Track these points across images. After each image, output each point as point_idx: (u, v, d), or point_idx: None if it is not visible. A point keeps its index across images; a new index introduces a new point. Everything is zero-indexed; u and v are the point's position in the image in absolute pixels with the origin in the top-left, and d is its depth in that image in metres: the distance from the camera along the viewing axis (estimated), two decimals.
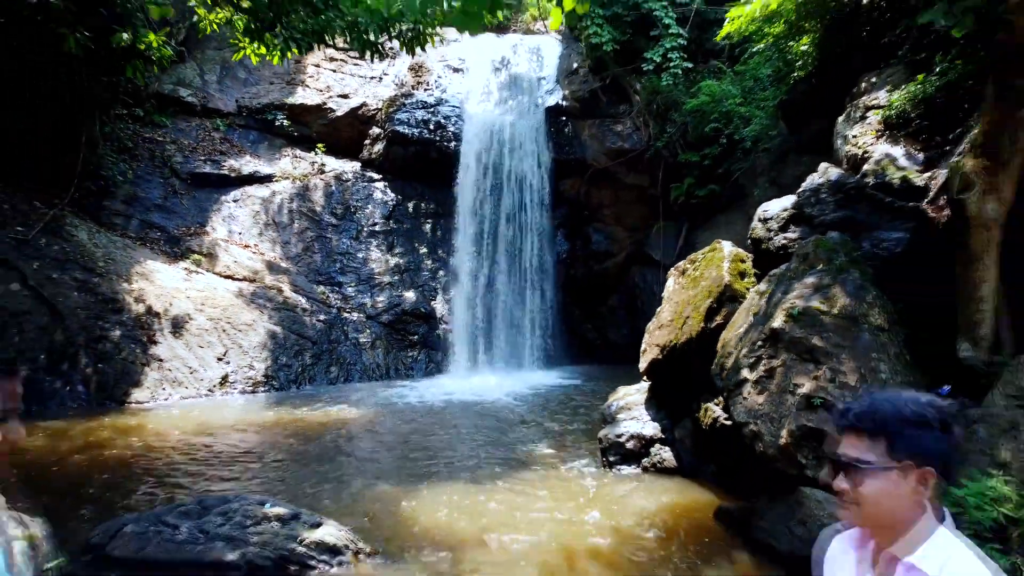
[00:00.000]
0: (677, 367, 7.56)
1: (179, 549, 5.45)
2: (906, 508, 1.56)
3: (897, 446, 1.56)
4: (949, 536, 1.55)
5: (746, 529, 5.81)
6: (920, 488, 1.56)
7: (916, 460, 1.54)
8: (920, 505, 1.56)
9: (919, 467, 1.54)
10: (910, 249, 6.32)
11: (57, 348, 12.04)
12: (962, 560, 1.51)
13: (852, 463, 1.60)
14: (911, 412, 1.55)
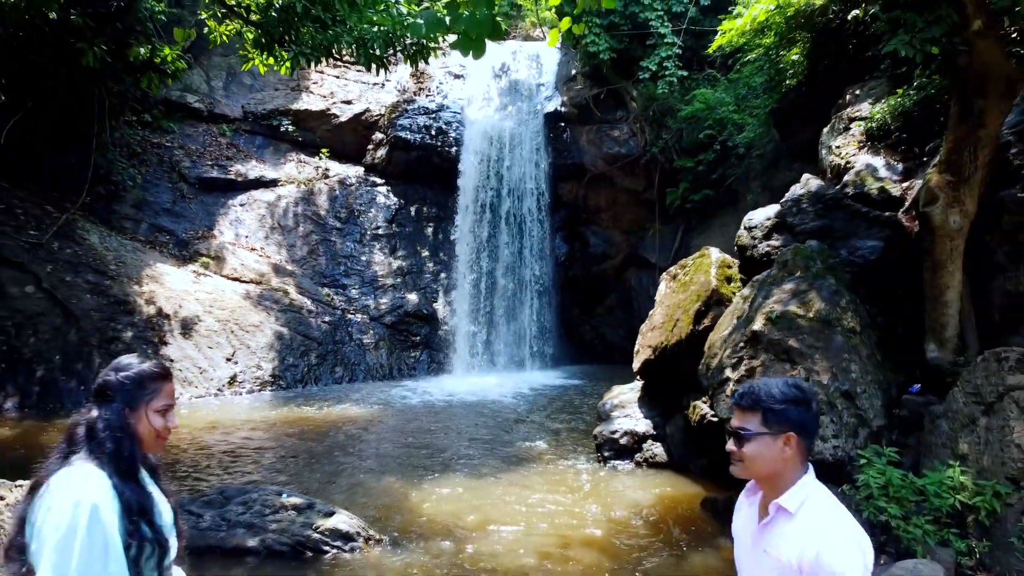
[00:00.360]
0: (668, 367, 8.01)
1: (203, 535, 5.91)
2: (776, 463, 2.03)
3: (769, 418, 2.02)
4: (809, 483, 2.03)
5: (730, 517, 6.25)
6: (786, 449, 2.02)
7: (783, 428, 2.01)
8: (787, 461, 2.03)
9: (785, 433, 2.01)
10: (884, 256, 6.78)
11: (71, 349, 12.50)
12: (815, 498, 1.99)
13: (737, 431, 2.07)
14: (779, 393, 2.03)
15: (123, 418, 2.01)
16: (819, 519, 1.94)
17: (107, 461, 1.94)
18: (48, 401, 11.87)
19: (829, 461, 5.61)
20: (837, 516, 1.95)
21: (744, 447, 2.05)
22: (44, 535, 1.80)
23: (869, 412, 5.72)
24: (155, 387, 2.10)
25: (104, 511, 1.84)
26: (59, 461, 1.95)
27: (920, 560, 4.81)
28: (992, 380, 5.20)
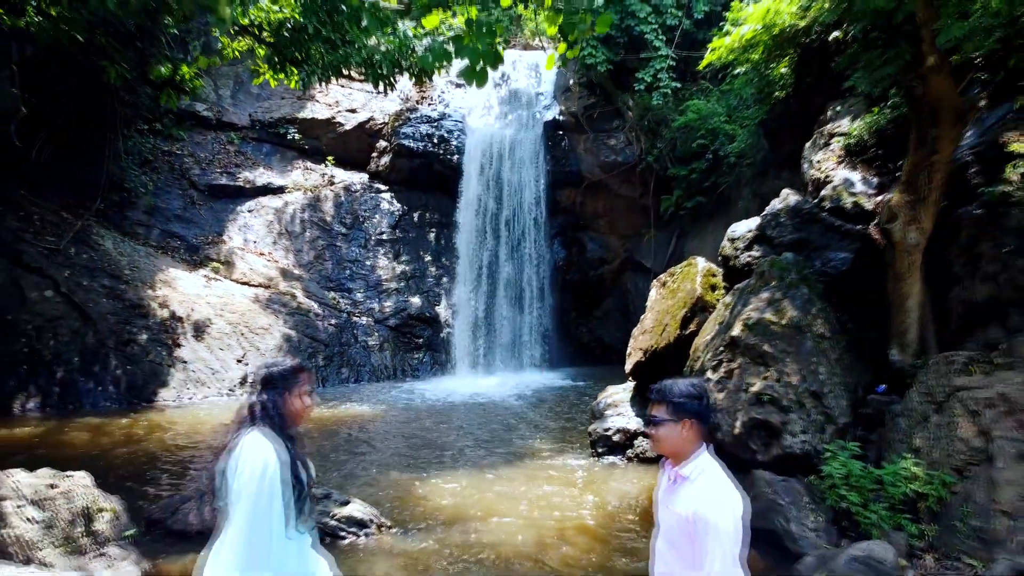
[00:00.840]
0: (658, 368, 8.63)
1: None
2: (678, 442, 2.68)
3: (673, 409, 2.67)
4: (706, 457, 2.68)
5: None
6: (687, 432, 2.67)
7: (682, 416, 2.66)
8: (689, 441, 2.68)
9: (684, 420, 2.65)
10: (854, 267, 7.42)
11: (89, 351, 13.13)
12: (708, 470, 2.63)
13: (651, 418, 2.73)
14: (681, 389, 2.69)
15: (282, 399, 2.72)
16: (706, 484, 2.59)
17: (274, 429, 2.68)
18: (68, 401, 12.51)
19: (798, 454, 6.25)
20: (720, 483, 2.60)
21: (656, 430, 2.72)
22: (241, 478, 2.55)
23: (835, 410, 6.35)
24: (300, 377, 2.83)
25: (275, 463, 2.60)
26: (243, 430, 2.70)
27: (875, 542, 5.44)
28: (942, 381, 5.83)
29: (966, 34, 5.29)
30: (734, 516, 2.51)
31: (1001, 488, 5.28)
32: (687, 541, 2.56)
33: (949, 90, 6.06)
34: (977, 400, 5.58)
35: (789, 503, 6.02)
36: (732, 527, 2.48)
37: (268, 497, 2.52)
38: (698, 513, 2.52)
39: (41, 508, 5.39)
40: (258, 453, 2.58)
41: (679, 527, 2.61)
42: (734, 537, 2.48)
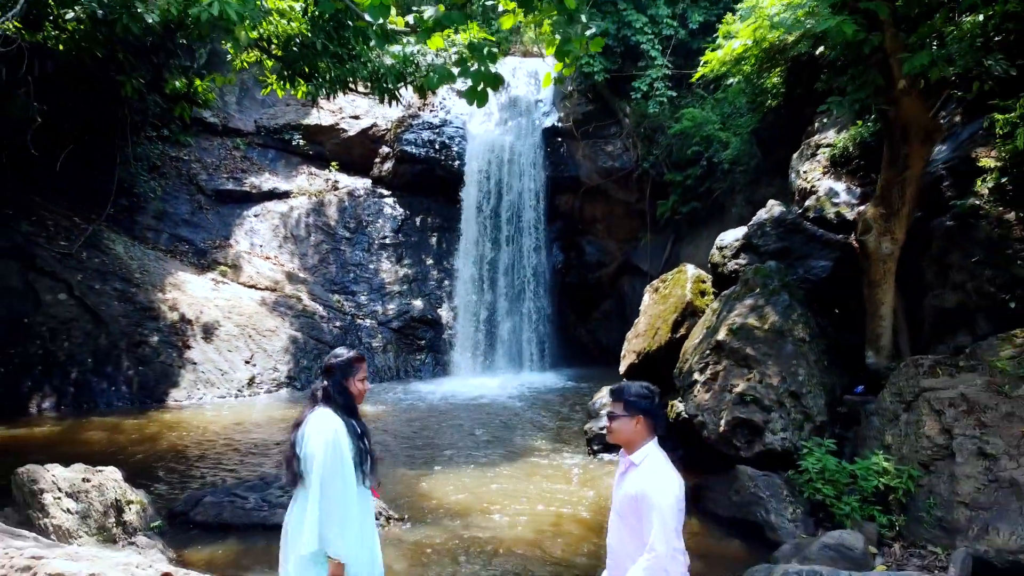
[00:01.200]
0: (650, 370, 9.10)
1: (248, 515, 7.03)
2: (631, 434, 3.15)
3: (628, 406, 3.15)
4: (653, 447, 3.16)
5: (698, 501, 7.37)
6: (638, 426, 3.14)
7: (635, 412, 3.14)
8: (639, 433, 3.14)
9: (636, 416, 3.13)
10: (834, 274, 7.90)
11: (102, 352, 13.61)
12: (654, 457, 3.10)
13: (610, 413, 3.21)
14: (635, 390, 3.17)
15: (343, 383, 3.28)
16: (651, 469, 3.07)
17: (338, 407, 3.25)
18: (82, 401, 12.99)
19: (778, 451, 6.74)
20: (662, 468, 3.09)
21: (612, 423, 3.22)
22: (312, 448, 3.12)
23: (813, 410, 6.84)
24: (358, 366, 3.41)
25: (341, 434, 3.18)
26: (309, 408, 3.30)
27: (846, 531, 5.93)
28: (910, 383, 6.32)
29: (929, 63, 5.77)
30: (674, 495, 3.00)
31: (961, 482, 5.77)
32: (635, 516, 3.04)
33: (918, 111, 6.55)
34: (941, 400, 6.07)
35: (769, 496, 6.51)
36: (671, 504, 2.97)
37: (335, 458, 3.09)
38: (643, 492, 2.99)
39: (76, 500, 5.88)
40: (325, 425, 3.16)
41: (628, 504, 3.09)
42: (673, 512, 2.97)
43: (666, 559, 2.90)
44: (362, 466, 3.26)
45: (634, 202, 17.03)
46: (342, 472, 3.08)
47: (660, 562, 2.89)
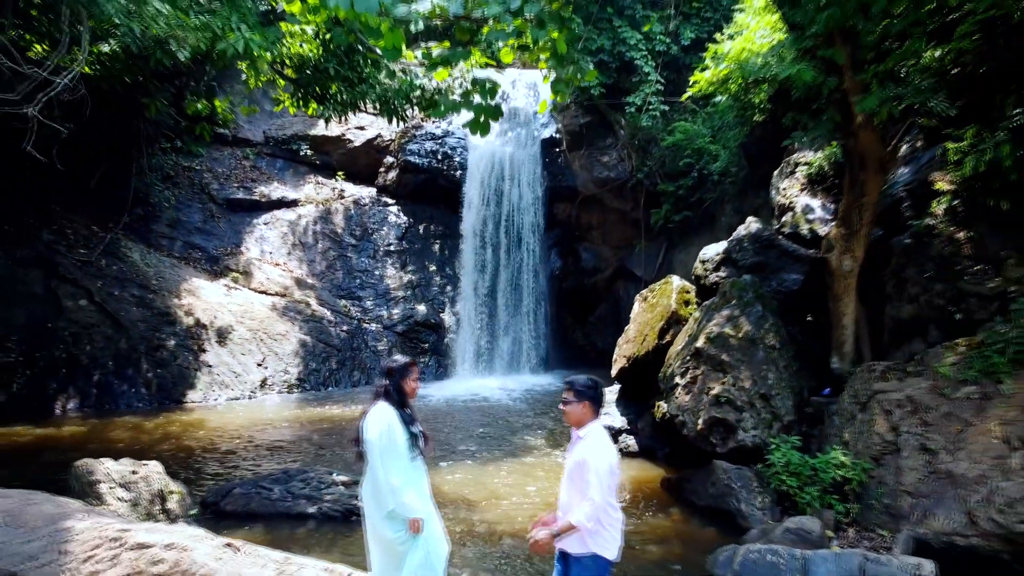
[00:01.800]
0: (639, 374, 9.97)
1: (273, 505, 7.87)
2: (579, 416, 3.99)
3: (577, 394, 4.00)
4: (596, 425, 4.00)
5: (679, 492, 8.23)
6: (584, 410, 3.99)
7: (583, 399, 3.99)
8: (585, 415, 3.98)
9: (583, 401, 3.98)
10: (804, 287, 8.75)
11: (122, 355, 14.45)
12: (595, 433, 3.94)
13: (564, 399, 4.06)
14: (583, 381, 4.02)
15: (399, 384, 4.12)
16: (592, 441, 3.92)
17: (394, 403, 4.09)
18: (105, 402, 13.84)
19: (749, 447, 7.58)
20: (601, 441, 3.94)
21: (566, 407, 4.08)
22: (369, 435, 3.98)
23: (781, 410, 7.69)
24: (411, 369, 4.29)
25: (395, 422, 4.04)
26: (372, 403, 4.15)
27: (806, 517, 6.78)
28: (865, 386, 7.17)
29: (879, 103, 6.60)
30: (608, 462, 3.89)
31: (905, 473, 6.62)
32: (579, 477, 3.88)
33: (874, 144, 7.39)
34: (890, 401, 6.92)
35: (741, 487, 7.36)
36: (606, 468, 3.85)
37: (389, 441, 3.97)
38: (585, 458, 3.86)
39: (127, 489, 6.72)
40: (382, 417, 4.07)
41: (575, 468, 3.95)
42: (607, 474, 3.86)
43: (600, 507, 3.81)
44: (413, 445, 4.12)
45: (629, 211, 17.88)
46: (395, 451, 3.93)
47: (596, 508, 3.79)
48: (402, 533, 4.05)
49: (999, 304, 7.24)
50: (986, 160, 7.51)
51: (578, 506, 3.82)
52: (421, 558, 4.02)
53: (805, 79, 6.65)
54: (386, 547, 4.09)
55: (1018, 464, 6.18)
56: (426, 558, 4.04)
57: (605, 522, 3.88)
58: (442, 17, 8.13)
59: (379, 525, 4.05)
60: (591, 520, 3.77)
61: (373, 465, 4.01)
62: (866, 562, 5.71)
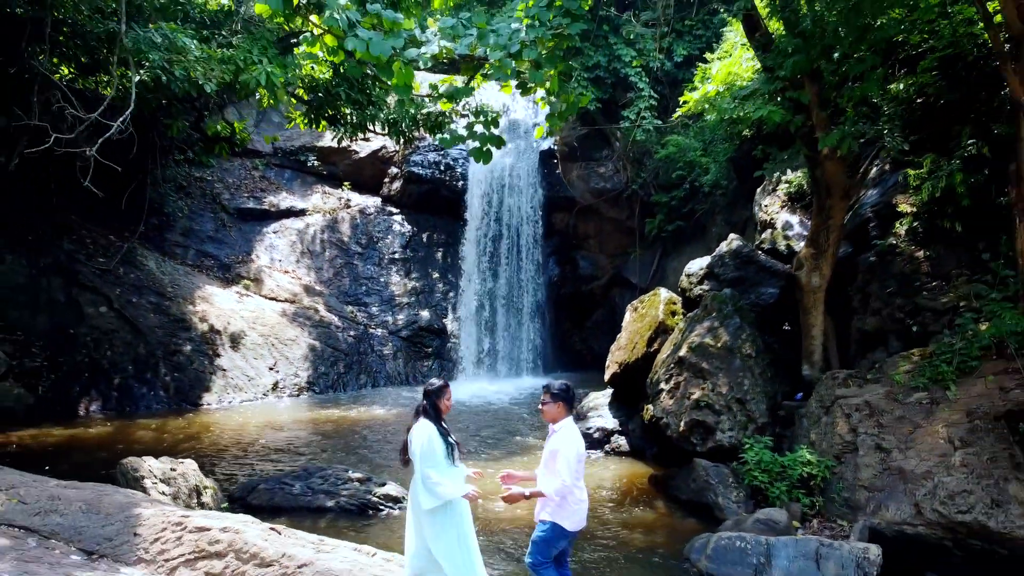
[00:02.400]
0: (630, 380, 10.84)
1: (295, 499, 8.75)
2: (555, 414, 4.85)
3: (553, 396, 4.88)
4: (568, 421, 4.87)
5: (665, 488, 9.11)
6: (559, 408, 4.85)
7: (558, 400, 4.86)
8: (559, 413, 4.84)
9: (558, 402, 4.86)
10: (780, 300, 9.62)
11: (141, 360, 15.32)
12: (567, 427, 4.82)
13: (542, 400, 4.96)
14: (558, 386, 4.92)
15: (436, 403, 4.88)
16: (564, 434, 4.79)
17: (433, 419, 4.83)
18: (125, 404, 14.70)
19: (726, 446, 8.46)
20: (571, 434, 4.80)
21: (544, 407, 4.95)
22: (414, 447, 4.73)
23: (756, 413, 8.57)
24: (446, 391, 5.02)
25: (435, 435, 4.77)
26: (415, 419, 4.88)
27: (775, 509, 7.65)
28: (829, 392, 8.05)
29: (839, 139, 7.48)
30: (576, 450, 4.77)
31: (862, 470, 7.50)
32: (552, 462, 4.74)
33: (838, 174, 8.26)
34: (850, 406, 7.80)
35: (718, 483, 8.24)
36: (574, 455, 4.73)
37: (430, 450, 4.70)
38: (557, 447, 4.74)
39: (168, 484, 7.60)
40: (423, 431, 4.80)
41: (549, 455, 4.81)
42: (575, 460, 4.74)
43: (568, 487, 4.71)
44: (451, 453, 4.90)
45: (624, 220, 18.75)
46: (435, 459, 4.71)
47: (565, 486, 4.69)
48: (437, 527, 4.77)
49: (950, 318, 8.12)
50: (941, 186, 8.40)
51: (550, 482, 4.69)
52: (453, 539, 4.79)
53: (775, 119, 7.52)
54: (423, 536, 4.83)
55: (959, 461, 7.06)
56: (458, 539, 4.81)
57: (571, 500, 4.76)
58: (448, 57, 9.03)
59: (421, 517, 4.80)
60: (559, 495, 4.67)
61: (418, 469, 4.78)
62: (821, 547, 6.59)
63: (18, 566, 4.72)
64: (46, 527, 5.15)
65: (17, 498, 5.33)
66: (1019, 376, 7.22)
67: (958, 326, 7.72)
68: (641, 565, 7.35)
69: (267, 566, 4.83)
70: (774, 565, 6.60)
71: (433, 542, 4.71)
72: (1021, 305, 7.43)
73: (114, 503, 5.46)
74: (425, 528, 4.74)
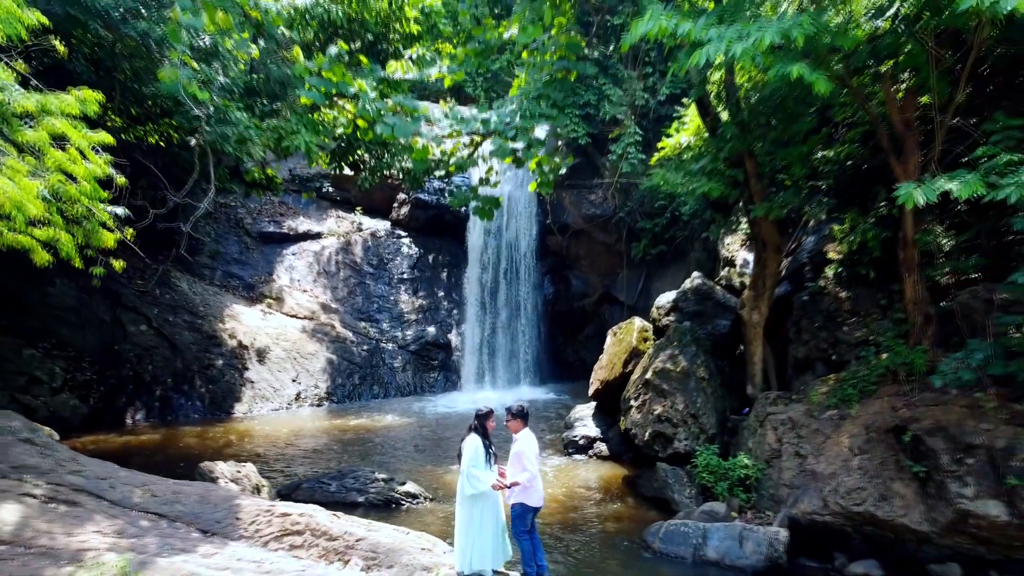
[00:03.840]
0: (609, 396, 13.04)
1: (332, 495, 10.94)
2: (516, 427, 7.00)
3: (512, 415, 7.07)
4: (525, 431, 7.03)
5: (634, 486, 11.32)
6: (517, 422, 7.02)
7: (516, 417, 7.04)
8: (518, 426, 6.99)
9: (516, 419, 7.03)
10: (731, 330, 11.82)
11: (179, 374, 17.55)
12: (524, 435, 7.02)
13: (507, 419, 7.15)
14: (515, 408, 7.12)
15: (483, 424, 7.00)
16: (522, 441, 6.96)
17: (480, 434, 6.97)
18: (167, 414, 16.93)
19: (682, 453, 10.67)
20: (528, 441, 6.99)
21: (508, 423, 7.12)
22: (466, 452, 6.92)
23: (707, 426, 10.78)
24: (491, 416, 7.12)
25: (479, 446, 6.92)
26: (467, 433, 7.05)
27: (717, 503, 9.85)
28: (762, 409, 10.26)
29: (766, 211, 9.68)
30: (534, 451, 6.91)
31: (784, 471, 9.70)
32: (517, 460, 6.86)
33: (772, 233, 10.47)
34: (777, 420, 10.00)
35: (674, 482, 10.44)
36: (533, 454, 6.89)
37: (476, 456, 6.74)
38: (521, 449, 6.88)
39: (237, 483, 9.79)
40: (472, 442, 6.84)
41: (515, 456, 6.93)
42: (535, 457, 6.87)
43: (534, 474, 6.84)
44: (488, 459, 6.89)
45: (613, 243, 20.96)
46: (479, 463, 6.81)
47: (531, 476, 6.82)
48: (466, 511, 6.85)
49: (860, 350, 10.31)
50: (858, 240, 10.60)
51: (520, 474, 6.84)
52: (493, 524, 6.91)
53: (714, 195, 9.69)
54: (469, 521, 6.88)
55: (856, 465, 9.25)
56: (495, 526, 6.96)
57: (535, 485, 6.92)
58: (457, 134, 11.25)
59: (463, 502, 6.90)
60: (529, 482, 6.82)
61: (465, 468, 6.81)
62: (744, 530, 8.80)
63: (160, 539, 6.93)
64: (172, 513, 7.34)
65: (150, 492, 7.52)
66: (906, 397, 9.42)
67: (862, 357, 9.92)
68: (610, 546, 9.56)
69: (334, 539, 7.02)
70: (708, 544, 8.81)
71: (458, 518, 6.92)
72: (910, 341, 9.62)
73: (219, 495, 7.66)
74: (460, 509, 6.93)
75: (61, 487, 7.35)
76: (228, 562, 6.53)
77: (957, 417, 8.72)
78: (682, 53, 8.43)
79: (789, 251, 12.15)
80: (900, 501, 8.93)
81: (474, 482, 6.79)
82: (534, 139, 10.75)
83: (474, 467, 6.82)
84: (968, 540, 8.55)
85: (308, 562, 6.81)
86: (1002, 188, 7.21)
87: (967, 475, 8.35)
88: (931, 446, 8.59)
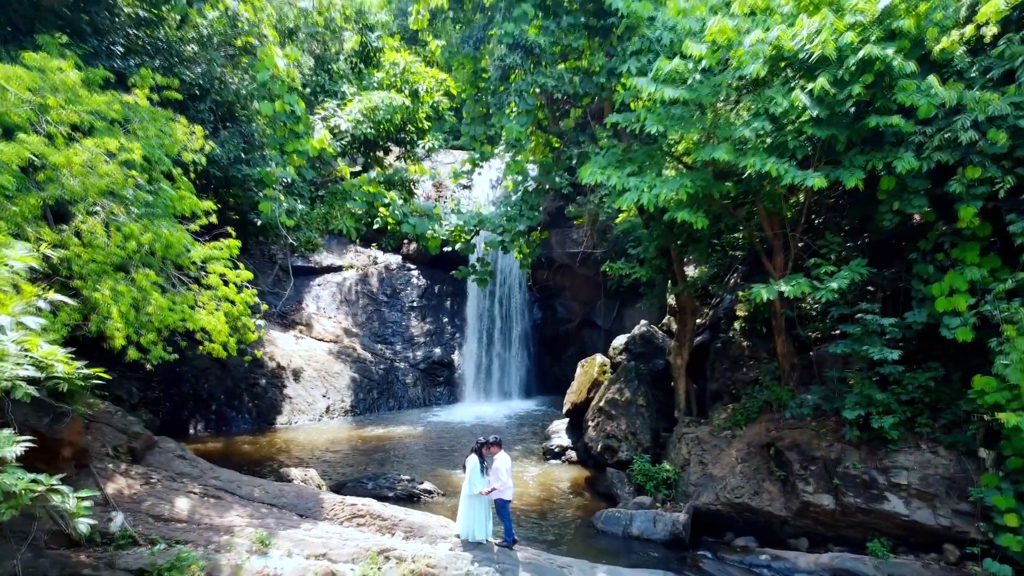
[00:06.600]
0: (577, 414, 17.67)
1: (370, 491, 15.57)
2: (493, 451, 11.46)
3: (489, 444, 11.50)
4: (501, 453, 11.52)
5: (592, 485, 15.97)
6: (493, 449, 11.49)
7: (491, 446, 11.47)
8: (496, 450, 11.44)
9: (492, 445, 11.51)
10: (665, 369, 16.43)
11: (229, 391, 22.16)
12: (501, 456, 11.54)
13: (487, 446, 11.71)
14: (491, 439, 11.61)
15: (480, 449, 11.47)
16: (500, 458, 11.45)
17: (479, 456, 11.42)
18: (221, 425, 21.54)
19: (624, 460, 15.31)
20: (504, 458, 11.52)
21: (490, 449, 11.66)
22: (469, 466, 11.43)
23: (643, 440, 15.40)
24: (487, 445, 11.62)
25: (477, 464, 11.33)
26: (470, 456, 11.50)
27: (646, 497, 14.49)
28: (680, 429, 14.90)
29: (681, 289, 14.25)
30: (507, 466, 11.38)
31: (692, 475, 14.33)
32: (495, 474, 11.35)
33: (689, 300, 15.04)
34: (689, 438, 14.61)
35: (618, 482, 15.07)
36: (505, 469, 11.33)
37: (474, 470, 11.16)
38: (498, 465, 11.37)
39: (305, 483, 14.39)
40: (472, 462, 11.24)
41: (493, 470, 11.42)
42: (506, 471, 11.34)
43: (505, 482, 11.37)
44: (484, 472, 11.15)
45: (592, 276, 25.53)
46: (476, 475, 11.21)
47: (505, 483, 11.33)
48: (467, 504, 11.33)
49: (751, 387, 14.90)
50: (754, 304, 15.18)
51: (498, 481, 11.31)
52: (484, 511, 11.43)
53: (643, 278, 14.24)
54: (469, 508, 11.43)
55: (739, 470, 13.88)
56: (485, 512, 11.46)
57: (507, 487, 11.43)
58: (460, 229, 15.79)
59: (466, 499, 11.43)
60: (504, 487, 11.29)
61: (468, 477, 11.31)
62: (657, 515, 13.44)
63: (276, 520, 11.55)
64: (280, 503, 11.94)
65: (264, 489, 12.13)
66: (776, 423, 14.04)
67: (749, 393, 14.52)
68: (568, 528, 14.19)
69: (384, 520, 11.63)
70: (633, 525, 13.45)
71: (461, 507, 11.47)
72: (781, 383, 14.20)
73: (308, 492, 12.28)
74: (463, 502, 11.44)
75: (208, 487, 11.98)
76: (321, 534, 11.14)
77: (806, 437, 13.35)
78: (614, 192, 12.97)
79: (713, 305, 16.76)
80: (768, 495, 13.55)
81: (473, 487, 11.35)
82: (517, 232, 15.33)
83: (475, 477, 11.40)
84: (811, 522, 13.19)
85: (369, 533, 11.43)
86: (820, 290, 11.78)
87: (810, 477, 12.95)
88: (788, 457, 13.20)
